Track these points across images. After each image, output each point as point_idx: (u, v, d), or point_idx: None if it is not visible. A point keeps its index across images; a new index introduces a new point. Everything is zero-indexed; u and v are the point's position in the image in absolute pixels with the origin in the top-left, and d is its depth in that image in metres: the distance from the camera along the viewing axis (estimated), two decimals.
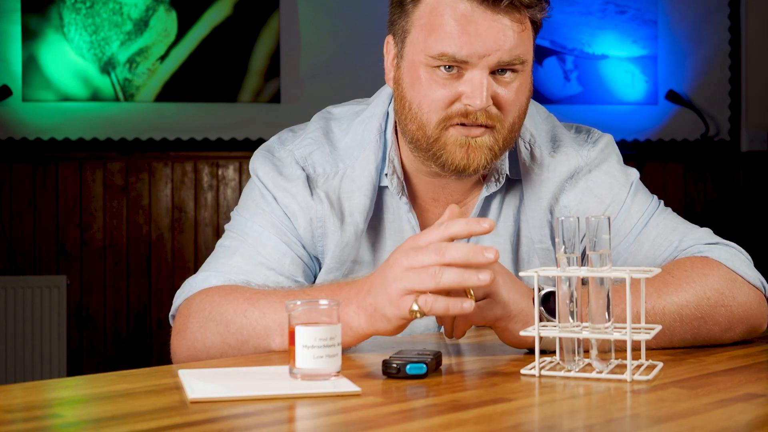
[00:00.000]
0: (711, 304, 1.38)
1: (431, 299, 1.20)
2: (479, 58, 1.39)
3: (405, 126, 1.47)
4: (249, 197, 1.55)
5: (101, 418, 1.00)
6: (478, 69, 1.39)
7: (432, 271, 1.19)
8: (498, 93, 1.42)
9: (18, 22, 3.93)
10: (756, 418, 1.00)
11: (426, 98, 1.42)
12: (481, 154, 1.43)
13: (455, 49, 1.38)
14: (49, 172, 3.97)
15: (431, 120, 1.42)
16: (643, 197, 1.57)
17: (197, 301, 1.44)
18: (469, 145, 1.42)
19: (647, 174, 4.29)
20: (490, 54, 1.38)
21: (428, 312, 1.20)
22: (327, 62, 4.12)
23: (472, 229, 1.22)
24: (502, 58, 1.39)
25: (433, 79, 1.41)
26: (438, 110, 1.42)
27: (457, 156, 1.43)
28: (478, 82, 1.39)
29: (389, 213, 1.56)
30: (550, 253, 1.55)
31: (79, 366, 3.96)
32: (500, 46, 1.38)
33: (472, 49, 1.38)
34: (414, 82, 1.43)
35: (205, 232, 4.05)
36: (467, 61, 1.39)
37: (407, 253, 1.23)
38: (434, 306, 1.20)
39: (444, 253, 1.20)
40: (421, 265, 1.20)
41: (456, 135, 1.42)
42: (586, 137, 1.60)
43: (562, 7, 4.26)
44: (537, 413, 1.04)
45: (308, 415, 1.02)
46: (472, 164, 1.43)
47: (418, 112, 1.43)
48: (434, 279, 1.19)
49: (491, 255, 1.19)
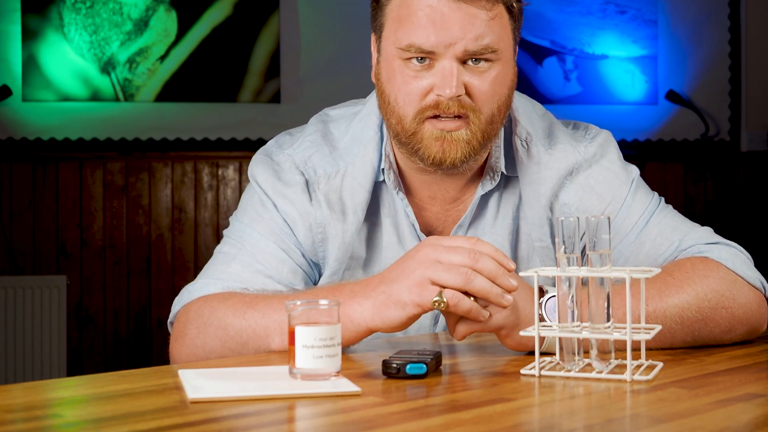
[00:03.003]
0: (712, 306, 1.38)
1: (459, 296, 1.23)
2: (445, 48, 1.39)
3: (388, 121, 1.48)
4: (248, 203, 1.55)
5: (101, 418, 1.00)
6: (447, 58, 1.39)
7: (464, 271, 1.22)
8: (470, 82, 1.41)
9: (18, 22, 3.93)
10: (756, 418, 1.00)
11: (401, 92, 1.43)
12: (457, 147, 1.43)
13: (422, 39, 1.39)
14: (49, 172, 3.97)
15: (407, 113, 1.43)
16: (643, 195, 1.56)
17: (195, 308, 1.44)
18: (445, 138, 1.42)
19: (647, 174, 4.29)
20: (455, 42, 1.38)
21: (453, 307, 1.23)
22: (327, 62, 4.12)
23: (500, 259, 1.25)
24: (468, 47, 1.39)
25: (406, 72, 1.42)
26: (413, 103, 1.42)
27: (433, 149, 1.43)
28: (447, 72, 1.39)
29: (385, 208, 1.55)
30: (549, 251, 1.55)
31: (79, 366, 3.96)
32: (465, 34, 1.38)
33: (438, 39, 1.38)
34: (390, 76, 1.44)
35: (205, 232, 4.05)
36: (434, 51, 1.39)
37: (436, 249, 1.25)
38: (460, 303, 1.23)
39: (478, 260, 1.23)
40: (452, 262, 1.23)
41: (431, 129, 1.43)
42: (584, 133, 1.59)
43: (562, 7, 4.26)
44: (537, 413, 1.04)
45: (308, 415, 1.02)
46: (447, 158, 1.43)
47: (395, 106, 1.44)
48: (465, 278, 1.22)
49: (515, 283, 1.24)
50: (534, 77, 4.27)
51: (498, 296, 1.23)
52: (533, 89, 4.23)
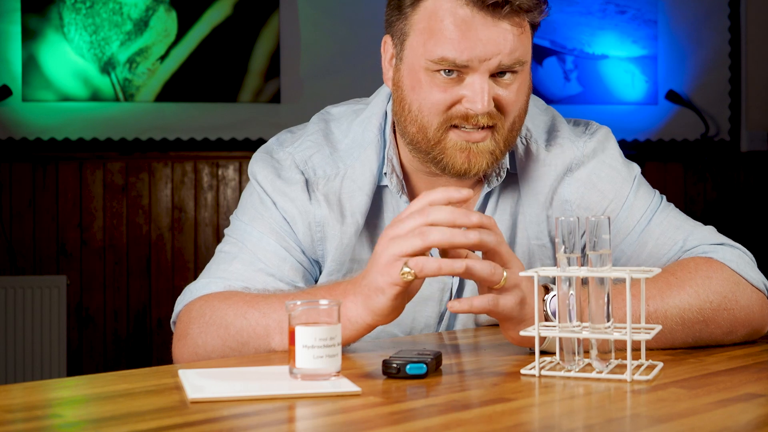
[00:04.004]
0: (713, 308, 1.37)
1: (422, 259, 1.21)
2: (480, 63, 1.38)
3: (405, 128, 1.47)
4: (248, 202, 1.55)
5: (101, 418, 1.00)
6: (479, 73, 1.39)
7: (418, 231, 1.21)
8: (499, 95, 1.42)
9: (18, 22, 3.93)
10: (756, 418, 1.00)
11: (426, 101, 1.42)
12: (482, 158, 1.43)
13: (456, 54, 1.38)
14: (49, 172, 3.97)
15: (432, 123, 1.42)
16: (645, 193, 1.56)
17: (197, 307, 1.44)
18: (470, 150, 1.42)
19: (647, 174, 4.27)
20: (490, 58, 1.38)
21: (419, 273, 1.21)
22: (327, 62, 4.12)
23: (451, 196, 1.23)
24: (502, 62, 1.39)
25: (433, 82, 1.41)
26: (438, 113, 1.42)
27: (458, 160, 1.43)
28: (479, 87, 1.39)
29: (389, 212, 1.55)
30: (547, 249, 1.55)
31: (79, 366, 3.96)
32: (500, 50, 1.38)
33: (473, 54, 1.38)
34: (414, 85, 1.43)
35: (205, 232, 4.05)
36: (467, 65, 1.39)
37: (393, 225, 1.24)
38: (425, 266, 1.20)
39: (429, 214, 1.21)
40: (405, 230, 1.22)
41: (456, 139, 1.42)
42: (584, 129, 1.59)
43: (562, 7, 4.26)
44: (537, 413, 1.04)
45: (308, 415, 1.02)
46: (473, 168, 1.44)
47: (419, 114, 1.43)
48: (421, 237, 1.20)
49: (475, 218, 1.20)
50: (534, 77, 4.24)
51: (460, 238, 1.20)
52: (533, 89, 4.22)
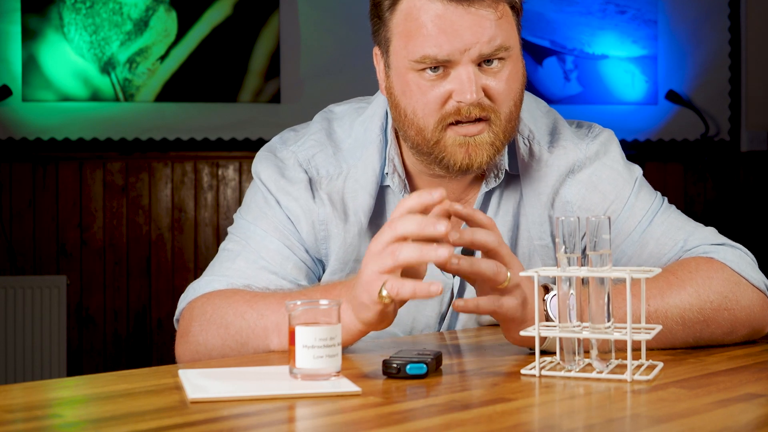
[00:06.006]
0: (714, 308, 1.37)
1: (398, 284, 1.18)
2: (461, 54, 1.38)
3: (405, 133, 1.47)
4: (252, 200, 1.55)
5: (101, 418, 1.00)
6: (462, 65, 1.39)
7: (390, 249, 1.19)
8: (488, 84, 1.41)
9: (18, 22, 3.93)
10: (756, 418, 1.00)
11: (419, 103, 1.42)
12: (482, 151, 1.43)
13: (436, 50, 1.38)
14: (49, 172, 3.97)
15: (428, 124, 1.42)
16: (647, 194, 1.56)
17: (199, 305, 1.45)
18: (469, 144, 1.42)
19: (647, 174, 4.26)
20: (470, 48, 1.38)
21: (395, 297, 1.19)
22: (327, 62, 4.12)
23: (423, 201, 1.20)
24: (483, 50, 1.39)
25: (421, 82, 1.41)
26: (432, 113, 1.42)
27: (459, 156, 1.43)
28: (465, 78, 1.39)
29: (392, 212, 1.55)
30: (549, 250, 1.55)
31: (79, 366, 3.96)
32: (479, 38, 1.38)
33: (452, 47, 1.38)
34: (404, 89, 1.43)
35: (205, 232, 4.05)
36: (449, 59, 1.39)
37: (375, 239, 1.22)
38: (401, 290, 1.18)
39: (396, 227, 1.19)
40: (382, 245, 1.20)
41: (454, 136, 1.42)
42: (587, 131, 1.59)
43: (562, 7, 4.26)
44: (537, 413, 1.04)
45: (308, 415, 1.02)
46: (474, 162, 1.43)
47: (414, 117, 1.43)
48: (392, 257, 1.18)
49: (442, 228, 1.17)
50: (534, 77, 4.27)
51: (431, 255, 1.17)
52: (533, 89, 4.23)
